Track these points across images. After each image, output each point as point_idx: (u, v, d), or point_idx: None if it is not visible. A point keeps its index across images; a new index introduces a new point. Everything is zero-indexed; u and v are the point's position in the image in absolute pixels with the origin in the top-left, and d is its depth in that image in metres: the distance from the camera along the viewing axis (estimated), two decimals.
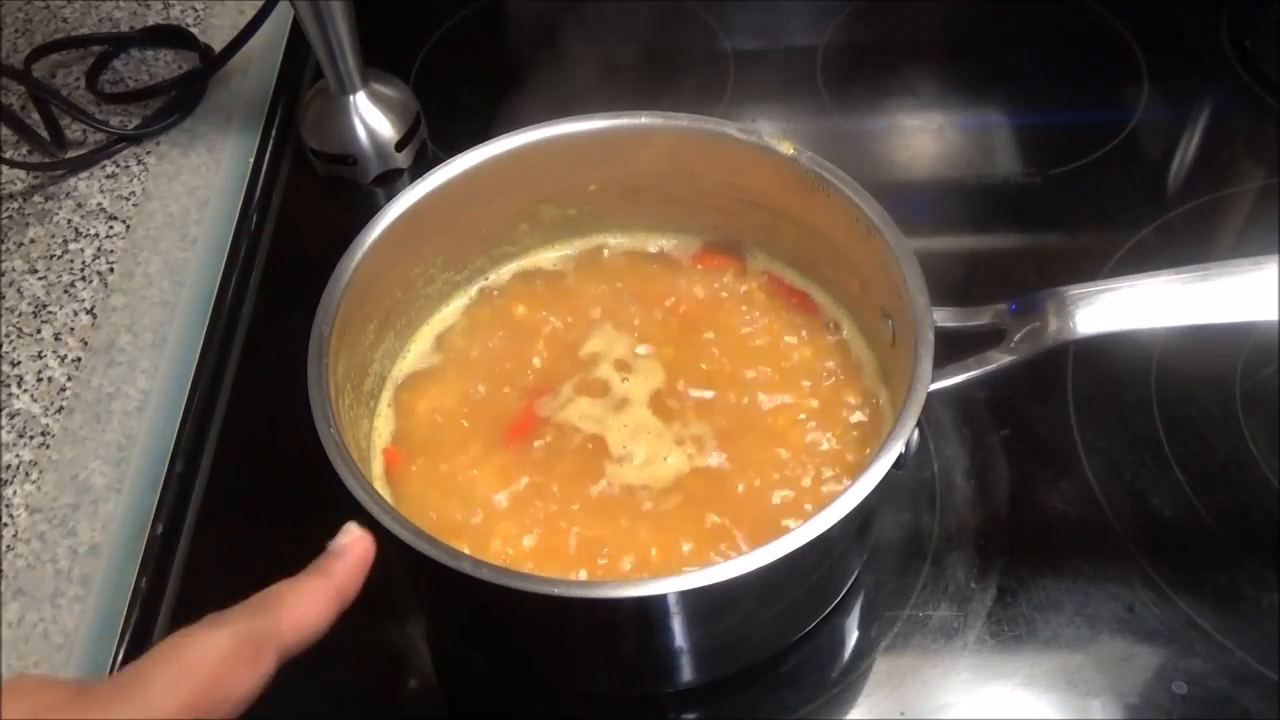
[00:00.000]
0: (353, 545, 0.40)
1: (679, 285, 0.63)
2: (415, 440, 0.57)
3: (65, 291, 0.75)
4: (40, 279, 0.75)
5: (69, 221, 0.79)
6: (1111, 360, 0.67)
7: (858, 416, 0.57)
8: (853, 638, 0.58)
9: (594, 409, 0.57)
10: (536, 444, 0.56)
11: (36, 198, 0.80)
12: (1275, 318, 0.50)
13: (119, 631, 0.59)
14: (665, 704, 0.57)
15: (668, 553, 0.52)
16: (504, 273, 0.64)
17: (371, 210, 0.56)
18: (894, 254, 0.53)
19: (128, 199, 0.80)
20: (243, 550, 0.62)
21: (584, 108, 0.59)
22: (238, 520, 0.63)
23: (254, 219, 0.77)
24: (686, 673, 0.54)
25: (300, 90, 0.85)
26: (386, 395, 0.59)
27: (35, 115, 0.81)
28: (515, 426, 0.57)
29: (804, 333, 0.60)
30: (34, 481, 0.65)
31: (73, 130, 0.83)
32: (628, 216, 0.64)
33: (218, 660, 0.34)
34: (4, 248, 0.77)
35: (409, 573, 0.59)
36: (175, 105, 0.84)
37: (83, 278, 0.75)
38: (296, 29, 0.89)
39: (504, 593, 0.43)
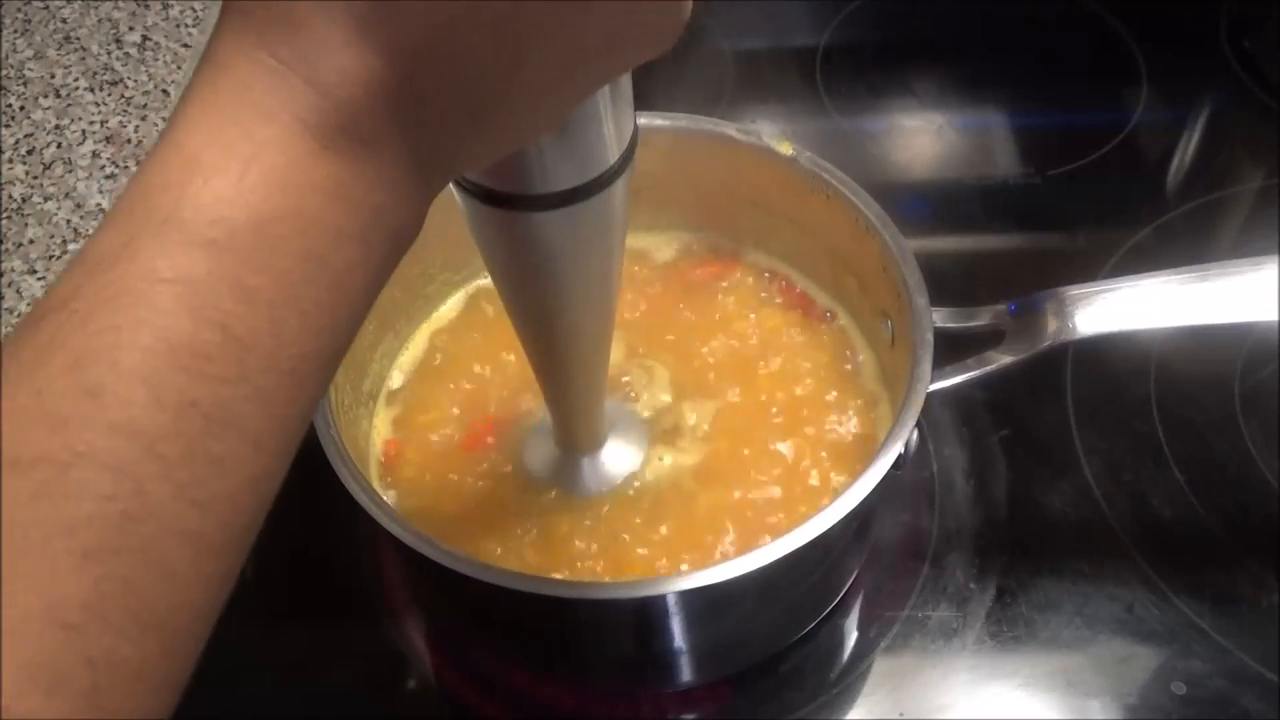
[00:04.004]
0: None
1: (677, 285, 0.63)
2: (414, 440, 0.57)
3: None
4: (40, 279, 0.75)
5: (68, 222, 0.79)
6: (1111, 360, 0.67)
7: (857, 417, 0.57)
8: (852, 638, 0.58)
9: None
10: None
11: (36, 198, 0.80)
12: (1275, 318, 0.50)
13: None
14: (665, 704, 0.57)
15: (667, 553, 0.52)
16: None
17: None
18: (893, 254, 0.53)
19: None
20: None
21: None
22: None
23: None
24: (686, 673, 0.54)
25: None
26: (385, 395, 0.59)
27: None
28: (487, 428, 0.57)
29: (803, 333, 0.60)
30: None
31: None
32: None
33: None
34: (4, 248, 0.77)
35: (409, 573, 0.59)
36: None
37: None
38: None
39: (504, 593, 0.43)
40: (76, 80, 0.87)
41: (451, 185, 0.35)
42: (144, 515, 0.24)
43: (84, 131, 0.83)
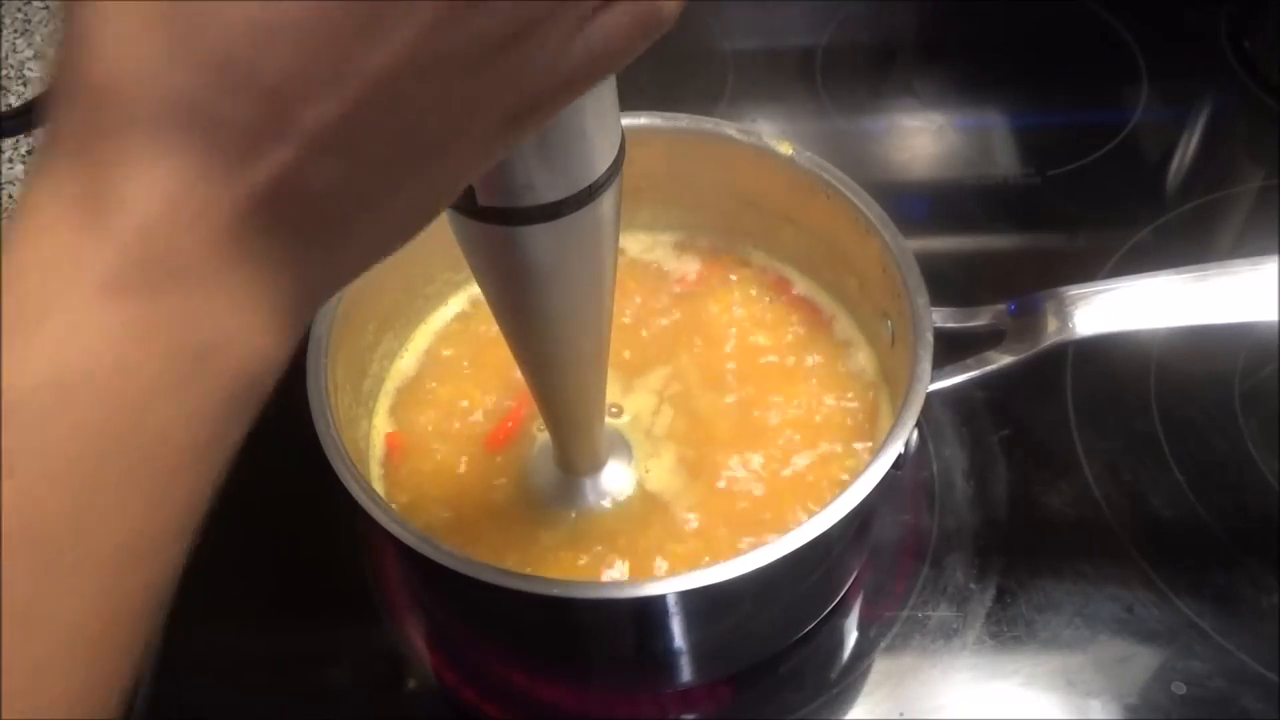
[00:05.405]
0: None
1: (677, 286, 0.63)
2: (414, 440, 0.57)
3: None
4: None
5: None
6: (1111, 360, 0.67)
7: (857, 417, 0.57)
8: (852, 638, 0.58)
9: None
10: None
11: None
12: (1275, 318, 0.50)
13: None
14: (665, 704, 0.57)
15: (667, 554, 0.52)
16: None
17: None
18: (893, 254, 0.53)
19: None
20: (242, 551, 0.62)
21: None
22: (237, 521, 0.63)
23: None
24: (686, 673, 0.54)
25: None
26: (385, 395, 0.59)
27: None
28: (499, 431, 0.57)
29: (803, 333, 0.60)
30: None
31: None
32: (626, 217, 0.62)
33: None
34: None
35: (409, 573, 0.59)
36: None
37: None
38: None
39: (504, 593, 0.43)
40: None
41: None
42: None
43: None
